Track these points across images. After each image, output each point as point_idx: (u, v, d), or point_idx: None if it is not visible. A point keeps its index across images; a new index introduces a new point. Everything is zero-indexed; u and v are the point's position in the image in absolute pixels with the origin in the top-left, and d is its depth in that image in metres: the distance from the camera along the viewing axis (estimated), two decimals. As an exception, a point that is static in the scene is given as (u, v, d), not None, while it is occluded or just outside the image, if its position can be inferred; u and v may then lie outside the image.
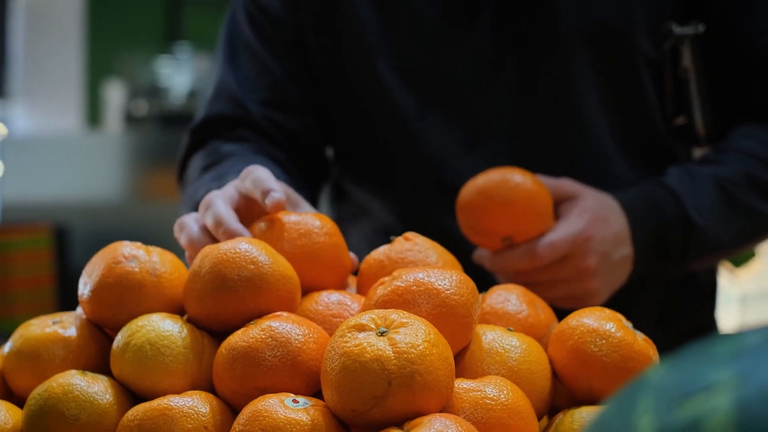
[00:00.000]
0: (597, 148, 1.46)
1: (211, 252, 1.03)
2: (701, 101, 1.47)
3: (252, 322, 0.98)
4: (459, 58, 1.45)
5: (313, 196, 1.53)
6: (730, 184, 1.42)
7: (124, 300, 1.04)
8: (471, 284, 1.00)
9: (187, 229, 1.16)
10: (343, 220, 1.56)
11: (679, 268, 1.43)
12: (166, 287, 1.06)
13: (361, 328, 0.90)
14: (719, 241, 1.42)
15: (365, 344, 0.88)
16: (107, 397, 0.97)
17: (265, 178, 1.15)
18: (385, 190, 1.52)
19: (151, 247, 1.09)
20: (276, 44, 1.51)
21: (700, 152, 1.53)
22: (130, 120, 4.76)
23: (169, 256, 1.09)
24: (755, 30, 1.47)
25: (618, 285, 1.36)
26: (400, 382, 0.87)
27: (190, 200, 1.41)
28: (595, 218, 1.32)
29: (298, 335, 0.96)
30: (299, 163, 1.50)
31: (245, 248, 1.02)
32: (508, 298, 1.09)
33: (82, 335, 1.05)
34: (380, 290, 0.99)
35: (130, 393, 0.99)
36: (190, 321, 1.03)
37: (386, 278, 1.01)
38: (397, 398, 0.87)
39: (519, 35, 1.44)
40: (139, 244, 1.09)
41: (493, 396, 0.92)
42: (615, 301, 1.31)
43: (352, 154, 1.55)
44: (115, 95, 4.88)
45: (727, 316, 4.03)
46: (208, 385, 0.99)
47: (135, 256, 1.06)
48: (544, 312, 1.10)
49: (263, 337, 0.95)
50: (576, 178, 1.37)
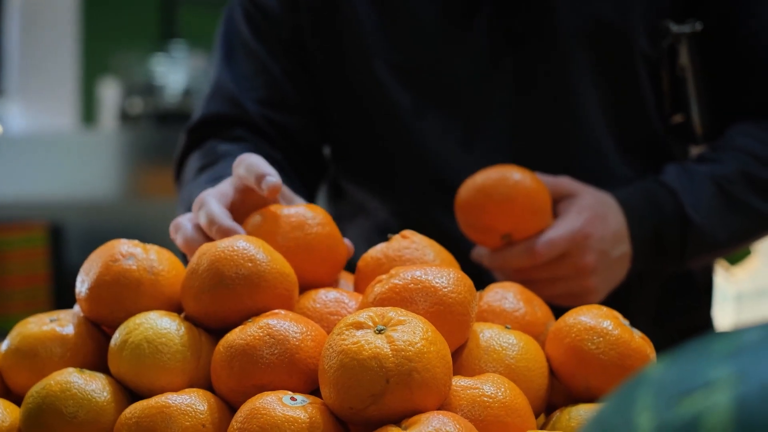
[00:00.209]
0: (594, 145, 1.46)
1: (209, 250, 1.03)
2: (698, 99, 1.47)
3: (250, 320, 0.98)
4: (457, 56, 1.45)
5: (311, 196, 1.53)
6: (728, 182, 1.42)
7: (121, 298, 1.04)
8: (468, 282, 1.00)
9: (182, 229, 1.15)
10: (340, 218, 1.56)
11: (677, 265, 1.44)
12: (163, 285, 1.06)
13: (359, 326, 0.90)
14: (716, 239, 1.42)
15: (363, 342, 0.88)
16: (105, 394, 0.97)
17: (258, 164, 1.14)
18: (382, 188, 1.52)
19: (149, 245, 1.09)
20: (273, 43, 1.51)
21: (697, 150, 1.53)
22: (126, 118, 4.74)
23: (167, 254, 1.09)
24: (752, 28, 1.47)
25: (616, 283, 1.36)
26: (398, 380, 0.87)
27: (186, 201, 1.41)
28: (593, 216, 1.32)
29: (296, 333, 0.96)
30: (296, 163, 1.50)
31: (243, 246, 1.02)
32: (505, 296, 1.10)
33: (80, 333, 1.05)
34: (378, 288, 0.99)
35: (128, 391, 0.99)
36: (187, 319, 1.03)
37: (384, 276, 1.01)
38: (395, 396, 0.87)
39: (517, 34, 1.44)
40: (137, 242, 1.08)
41: (491, 393, 0.92)
42: (612, 299, 1.31)
43: (350, 153, 1.55)
44: (110, 93, 4.87)
45: (723, 314, 4.04)
46: (205, 383, 0.99)
47: (132, 254, 1.06)
48: (541, 310, 1.10)
49: (261, 334, 0.95)
50: (573, 176, 1.37)
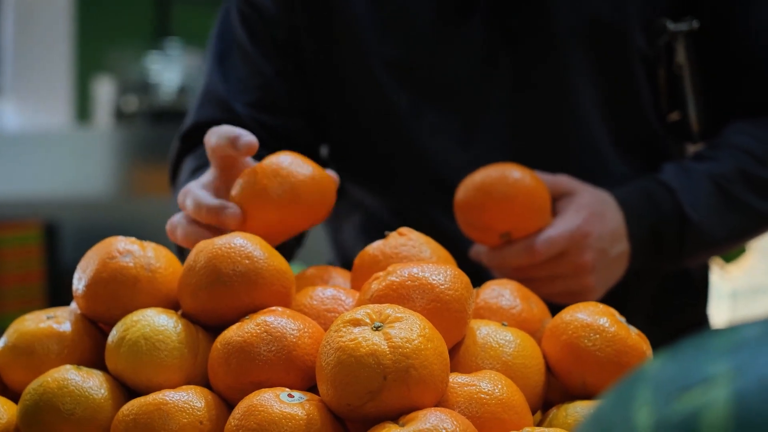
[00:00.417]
0: (591, 143, 1.46)
1: (206, 247, 1.03)
2: (695, 97, 1.47)
3: (247, 317, 0.98)
4: (454, 54, 1.45)
5: None
6: (726, 180, 1.42)
7: (118, 295, 1.04)
8: (465, 279, 1.00)
9: (179, 227, 1.16)
10: (338, 215, 1.56)
11: (675, 263, 1.44)
12: (160, 282, 1.06)
13: (356, 323, 0.90)
14: (714, 237, 1.42)
15: (360, 339, 0.89)
16: (102, 391, 0.97)
17: (229, 128, 1.16)
18: (380, 187, 1.52)
19: (146, 243, 1.09)
20: (268, 45, 1.51)
21: (694, 148, 1.53)
22: (120, 116, 4.74)
23: (164, 252, 1.09)
24: (749, 26, 1.47)
25: (614, 281, 1.36)
26: (395, 377, 0.87)
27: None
28: (592, 215, 1.32)
29: (293, 330, 0.96)
30: None
31: (240, 243, 1.02)
32: (502, 293, 1.10)
33: (77, 330, 1.05)
34: (375, 285, 0.99)
35: (125, 388, 0.99)
36: (185, 316, 1.03)
37: (381, 273, 1.01)
38: (393, 392, 0.87)
39: (513, 31, 1.44)
40: (134, 239, 1.08)
41: (488, 390, 0.92)
42: (609, 297, 1.32)
43: (348, 152, 1.55)
44: (104, 91, 4.86)
45: (718, 311, 4.04)
46: (203, 380, 0.99)
47: (130, 251, 1.06)
48: (537, 307, 1.11)
49: (258, 331, 0.96)
50: (570, 174, 1.37)
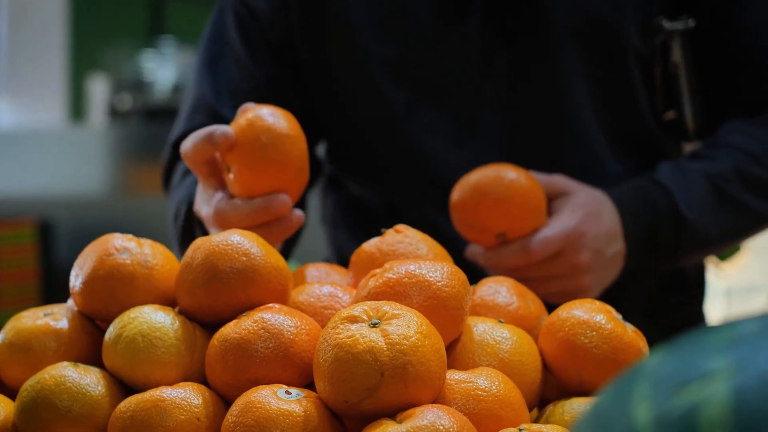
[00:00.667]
0: (587, 142, 1.46)
1: (203, 244, 1.03)
2: (691, 96, 1.47)
3: (244, 314, 0.99)
4: (451, 54, 1.45)
5: (303, 195, 1.53)
6: (721, 180, 1.42)
7: (115, 292, 1.04)
8: (462, 276, 1.00)
9: (201, 214, 1.17)
10: (335, 212, 1.56)
11: (670, 263, 1.44)
12: (157, 279, 1.06)
13: (354, 320, 0.91)
14: (710, 237, 1.42)
15: (358, 336, 0.89)
16: (99, 388, 0.97)
17: (200, 130, 1.17)
18: (376, 185, 1.52)
19: (143, 240, 1.09)
20: (261, 48, 1.50)
21: (690, 147, 1.53)
22: (115, 114, 4.73)
23: (161, 249, 1.09)
24: (745, 25, 1.47)
25: (610, 281, 1.36)
26: (392, 374, 0.87)
27: (175, 203, 1.42)
28: (587, 214, 1.32)
29: (291, 327, 0.96)
30: None
31: (237, 240, 1.02)
32: (499, 290, 1.10)
33: (74, 327, 1.05)
34: (372, 282, 0.99)
35: (123, 385, 0.99)
36: (182, 313, 1.03)
37: (377, 270, 1.01)
38: (390, 389, 0.87)
39: (509, 30, 1.44)
40: (131, 236, 1.08)
41: (485, 387, 0.93)
42: (605, 296, 1.32)
43: (344, 151, 1.55)
44: (99, 89, 4.85)
45: (713, 309, 4.05)
46: (200, 377, 0.99)
47: (127, 248, 1.06)
48: (534, 304, 1.11)
49: (255, 328, 0.96)
50: (566, 172, 1.38)
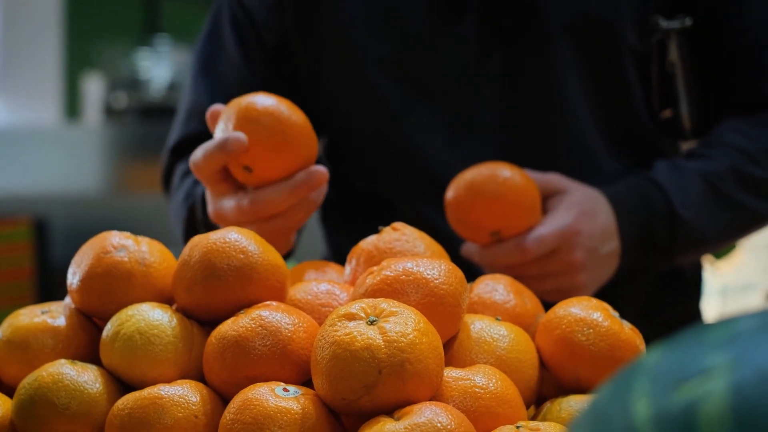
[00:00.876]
0: (582, 140, 1.46)
1: (201, 241, 1.03)
2: (688, 95, 1.47)
3: (242, 312, 0.98)
4: (446, 51, 1.45)
5: None
6: (717, 179, 1.42)
7: (113, 289, 1.04)
8: (459, 274, 1.01)
9: (227, 213, 1.19)
10: (333, 211, 1.57)
11: (666, 262, 1.44)
12: (155, 277, 1.06)
13: (351, 317, 0.91)
14: (705, 235, 1.43)
15: (355, 333, 0.89)
16: (97, 386, 0.97)
17: (207, 143, 1.17)
18: (372, 183, 1.52)
19: (140, 237, 1.08)
20: (257, 51, 1.50)
21: (687, 146, 1.53)
22: (110, 112, 4.73)
23: (158, 246, 1.08)
24: (742, 24, 1.47)
25: (605, 279, 1.37)
26: (390, 371, 0.87)
27: (176, 203, 1.42)
28: (582, 213, 1.32)
29: (288, 324, 0.96)
30: None
31: (235, 238, 1.02)
32: (496, 287, 1.10)
33: (72, 325, 1.05)
34: (369, 280, 0.99)
35: (120, 382, 0.99)
36: (179, 310, 1.03)
37: (375, 268, 1.01)
38: (388, 387, 0.87)
39: (505, 28, 1.44)
40: (128, 234, 1.08)
41: (482, 384, 0.93)
42: (602, 294, 1.32)
43: (341, 151, 1.55)
44: (94, 88, 4.85)
45: (708, 307, 4.05)
46: (197, 375, 0.99)
47: (124, 245, 1.06)
48: (531, 302, 1.11)
49: (253, 326, 0.96)
50: (561, 171, 1.38)
